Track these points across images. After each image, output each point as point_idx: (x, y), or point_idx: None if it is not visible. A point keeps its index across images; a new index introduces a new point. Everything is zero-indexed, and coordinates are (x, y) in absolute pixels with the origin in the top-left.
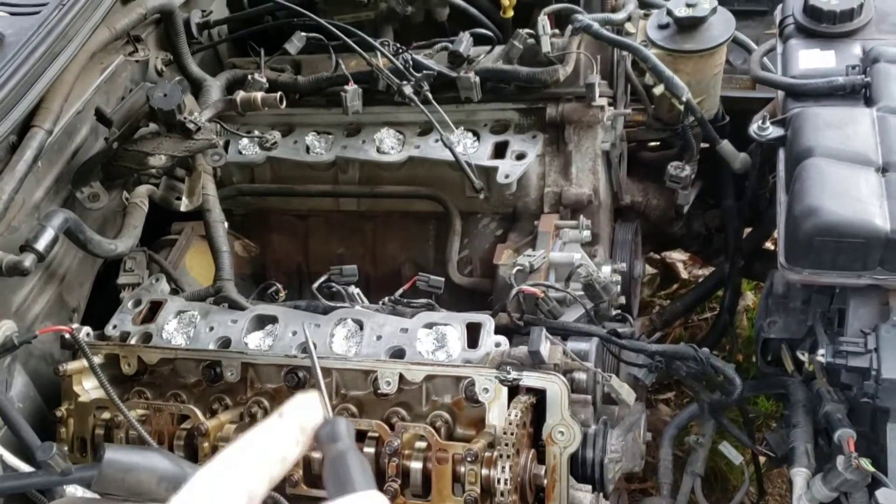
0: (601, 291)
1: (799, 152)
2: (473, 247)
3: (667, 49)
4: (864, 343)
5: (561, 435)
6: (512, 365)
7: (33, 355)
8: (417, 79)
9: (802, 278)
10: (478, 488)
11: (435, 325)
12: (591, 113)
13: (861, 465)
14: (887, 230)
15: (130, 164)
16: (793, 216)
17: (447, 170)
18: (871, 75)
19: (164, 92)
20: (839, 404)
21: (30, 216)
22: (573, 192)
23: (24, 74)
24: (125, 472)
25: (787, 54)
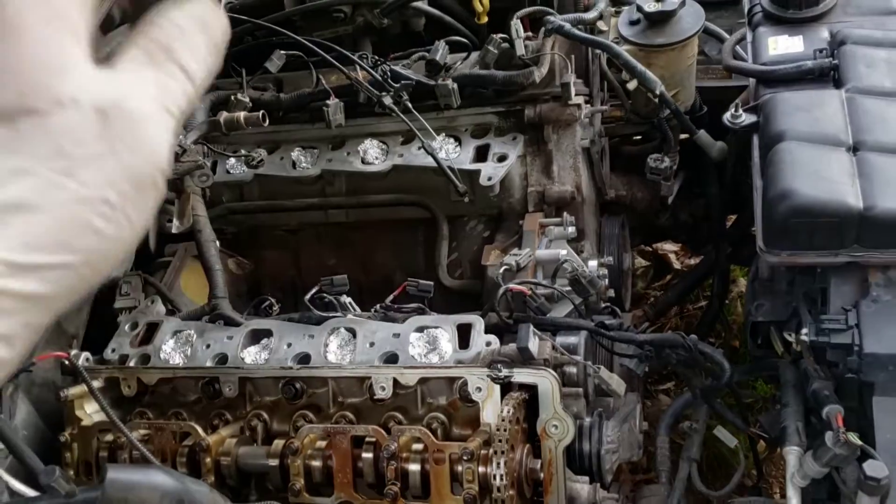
0: (587, 286)
1: (771, 137)
2: (462, 250)
3: (638, 45)
4: (846, 320)
5: (555, 428)
6: (503, 363)
7: (35, 383)
8: (396, 89)
9: (781, 260)
10: (476, 486)
11: (426, 329)
12: (569, 111)
13: (849, 439)
14: (860, 208)
15: None
16: (768, 200)
17: (431, 176)
18: (839, 58)
19: None
20: (826, 381)
21: None
22: (556, 189)
23: None
24: (128, 491)
25: (756, 42)
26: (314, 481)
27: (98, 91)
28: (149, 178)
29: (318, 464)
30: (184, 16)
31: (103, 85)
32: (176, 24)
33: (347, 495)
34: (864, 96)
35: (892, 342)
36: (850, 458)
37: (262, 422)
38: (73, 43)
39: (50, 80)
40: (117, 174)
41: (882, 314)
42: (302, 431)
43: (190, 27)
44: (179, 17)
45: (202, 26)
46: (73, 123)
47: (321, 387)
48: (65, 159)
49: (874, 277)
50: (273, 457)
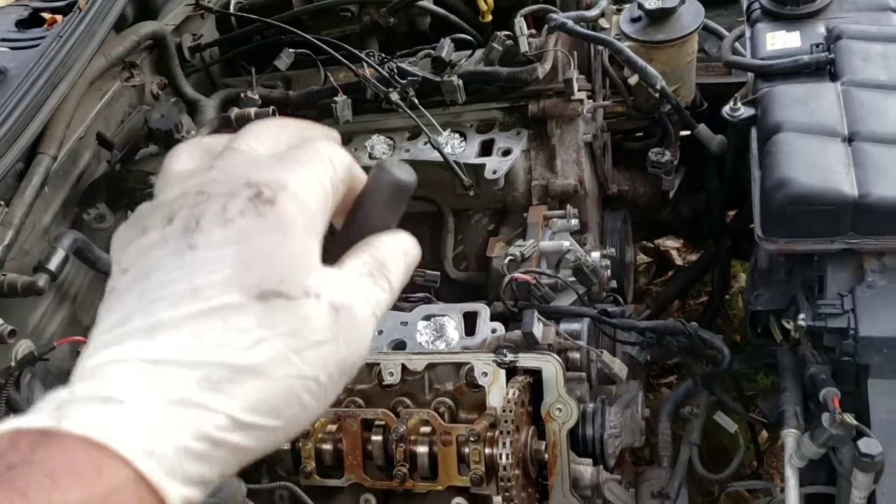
0: (590, 275)
1: (768, 128)
2: (467, 243)
3: (640, 41)
4: (842, 304)
5: (559, 411)
6: (508, 348)
7: (51, 373)
8: (403, 85)
9: (779, 248)
10: (482, 467)
11: (433, 317)
12: (571, 107)
13: (845, 419)
14: (855, 195)
15: (134, 184)
16: (766, 189)
17: (437, 171)
18: (835, 52)
19: (162, 113)
20: (823, 366)
21: (40, 239)
22: (559, 183)
23: (27, 104)
24: None
25: (754, 38)
26: (325, 464)
27: (335, 291)
28: (353, 367)
29: (329, 447)
30: (395, 242)
31: (339, 287)
32: (390, 247)
33: (358, 477)
34: (860, 89)
35: (886, 325)
36: (845, 439)
37: None
38: (317, 247)
39: (303, 274)
40: (331, 360)
41: (877, 299)
42: None
43: (398, 252)
44: (392, 243)
45: (405, 253)
46: (312, 312)
47: None
48: (299, 340)
49: (869, 264)
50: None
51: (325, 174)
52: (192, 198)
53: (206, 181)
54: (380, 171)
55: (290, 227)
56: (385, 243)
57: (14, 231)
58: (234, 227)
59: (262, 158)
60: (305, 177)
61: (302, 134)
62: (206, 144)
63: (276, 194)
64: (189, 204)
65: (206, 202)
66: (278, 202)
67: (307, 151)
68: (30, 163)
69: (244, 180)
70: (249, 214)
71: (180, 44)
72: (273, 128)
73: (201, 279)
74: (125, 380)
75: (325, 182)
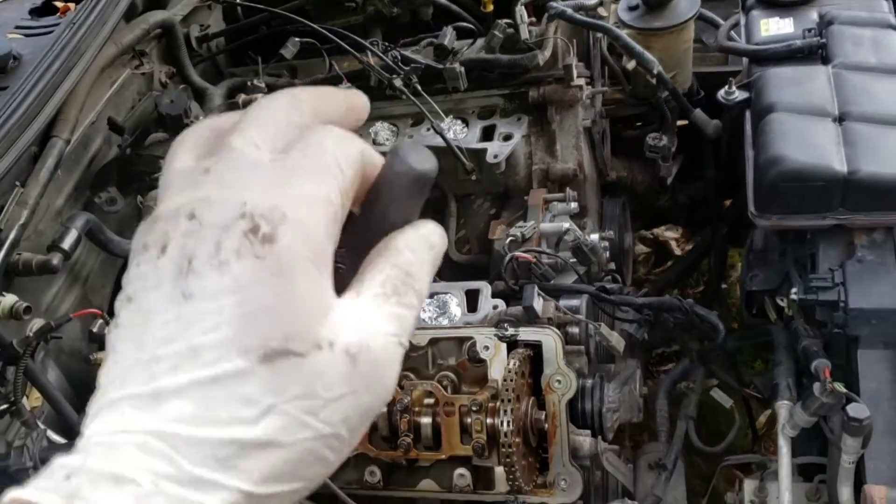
0: (589, 254)
1: (762, 109)
2: (469, 227)
3: (637, 28)
4: (832, 278)
5: (558, 383)
6: (509, 322)
7: (63, 352)
8: (406, 72)
9: (772, 224)
10: (484, 436)
11: (436, 294)
12: (571, 93)
13: (835, 388)
14: (845, 172)
15: (144, 168)
16: (759, 166)
17: (440, 156)
18: (826, 36)
19: (171, 98)
20: (815, 339)
21: (53, 221)
22: (559, 167)
23: (41, 89)
24: None
25: (749, 24)
26: None
27: (349, 334)
28: (377, 410)
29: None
30: (418, 240)
31: (353, 327)
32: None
33: (362, 447)
34: (850, 71)
35: (875, 298)
36: (836, 407)
37: None
38: (328, 281)
39: (312, 323)
40: (353, 412)
41: (866, 272)
42: None
43: (423, 251)
44: (415, 241)
45: (431, 246)
46: (326, 366)
47: None
48: (312, 400)
49: (859, 239)
50: None
51: (332, 185)
52: (184, 223)
53: (199, 200)
54: (394, 158)
55: (294, 269)
56: (408, 245)
57: (29, 211)
58: (230, 273)
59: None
60: (309, 196)
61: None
62: (218, 128)
63: (275, 229)
64: (181, 231)
65: (199, 236)
66: (278, 239)
67: (313, 155)
68: (44, 146)
69: (239, 208)
70: (246, 256)
71: (188, 34)
72: (282, 109)
73: (199, 338)
74: (133, 455)
75: (334, 195)
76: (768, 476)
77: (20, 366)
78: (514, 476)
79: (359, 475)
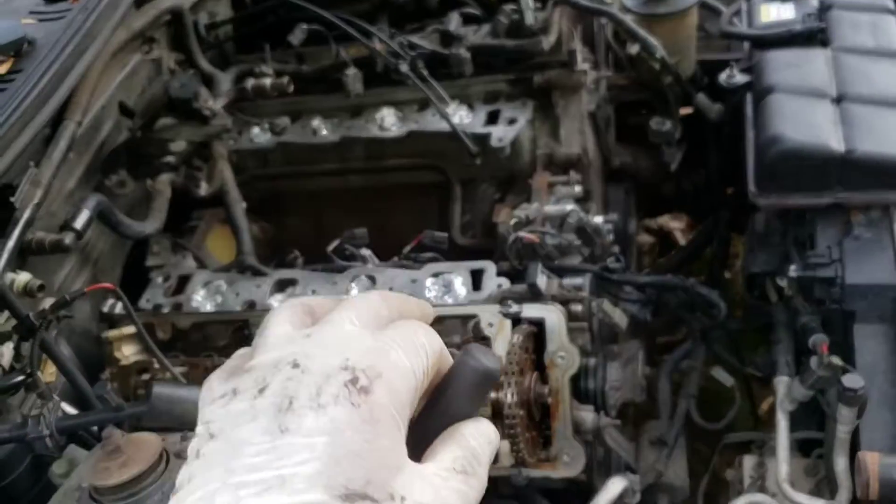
0: (593, 234)
1: (762, 90)
2: (474, 211)
3: (641, 14)
4: (830, 255)
5: (561, 359)
6: (513, 299)
7: (75, 331)
8: (413, 57)
9: (771, 202)
10: (489, 409)
11: (441, 274)
12: (575, 77)
13: (832, 361)
14: (842, 151)
15: (153, 151)
16: (759, 145)
17: (445, 141)
18: (826, 21)
19: (181, 83)
20: (813, 316)
21: (65, 203)
22: (563, 151)
23: (54, 72)
24: (172, 405)
25: (751, 10)
26: None
27: (421, 493)
28: None
29: None
30: (480, 433)
31: (424, 490)
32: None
33: None
34: (849, 54)
35: (871, 274)
36: (832, 380)
37: None
38: (403, 440)
39: (390, 475)
40: None
41: (863, 249)
42: None
43: (485, 442)
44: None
45: (489, 441)
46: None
47: None
48: None
49: (856, 218)
50: None
51: (418, 363)
52: (286, 370)
53: (303, 353)
54: (467, 357)
55: (382, 421)
56: (473, 435)
57: (43, 191)
58: (327, 415)
59: (361, 338)
60: (400, 365)
61: (402, 309)
62: (310, 307)
63: (371, 382)
64: (283, 377)
65: (301, 381)
66: (373, 391)
67: (405, 337)
68: (56, 128)
69: (341, 362)
70: (343, 403)
71: (196, 21)
72: (375, 301)
73: (289, 469)
74: None
75: (418, 371)
76: (767, 452)
77: (36, 338)
78: (518, 448)
79: None
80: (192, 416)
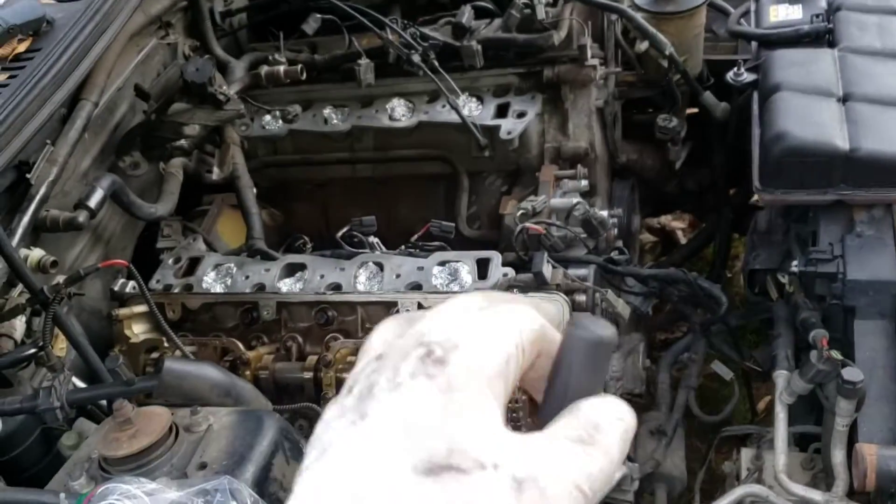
0: (598, 226)
1: (768, 88)
2: (481, 203)
3: (650, 12)
4: (832, 251)
5: None
6: (518, 288)
7: (84, 309)
8: (425, 48)
9: (775, 198)
10: None
11: (448, 263)
12: (585, 72)
13: (832, 355)
14: (846, 149)
15: (167, 134)
16: (764, 142)
17: (454, 133)
18: (834, 22)
19: (197, 67)
20: (814, 311)
21: (79, 182)
22: (571, 145)
23: (73, 52)
24: (182, 380)
25: (759, 11)
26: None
27: (518, 461)
28: None
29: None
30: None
31: (524, 457)
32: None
33: None
34: (855, 55)
35: (873, 270)
36: (832, 374)
37: (297, 343)
38: (497, 412)
39: (476, 443)
40: None
41: (865, 247)
42: (334, 346)
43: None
44: (602, 406)
45: (619, 417)
46: (490, 487)
47: (351, 314)
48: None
49: (859, 215)
50: (307, 370)
51: (506, 335)
52: (372, 363)
53: (388, 346)
54: (574, 328)
55: (462, 390)
56: (594, 407)
57: (58, 169)
58: (402, 392)
59: (444, 314)
60: (482, 336)
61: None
62: (410, 316)
63: (447, 353)
64: (368, 370)
65: (381, 368)
66: (450, 362)
67: (490, 312)
68: (73, 108)
69: (418, 338)
70: (419, 376)
71: (212, 8)
72: (475, 296)
73: (370, 455)
74: None
75: (507, 344)
76: (765, 444)
77: (49, 312)
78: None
79: None
80: (201, 393)
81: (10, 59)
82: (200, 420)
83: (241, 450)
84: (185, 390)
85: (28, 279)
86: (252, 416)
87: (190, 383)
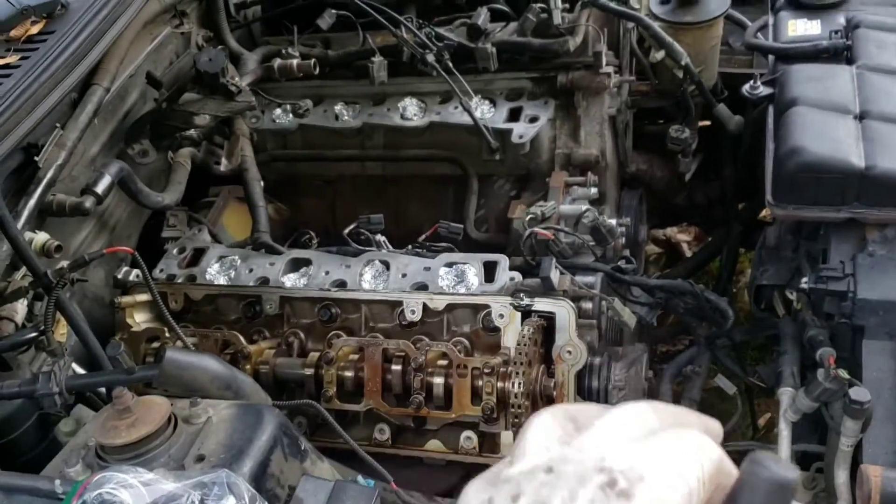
0: (606, 234)
1: (784, 103)
2: (489, 206)
3: (668, 21)
4: (843, 269)
5: (569, 354)
6: (525, 293)
7: (87, 297)
8: (439, 48)
9: (788, 214)
10: (494, 398)
11: (455, 264)
12: (599, 80)
13: (839, 374)
14: (862, 167)
15: (177, 123)
16: (779, 156)
17: (465, 135)
18: (852, 39)
19: (210, 57)
20: (822, 329)
21: (87, 168)
22: (582, 152)
23: (86, 37)
24: (182, 371)
25: (777, 25)
26: (345, 389)
27: None
28: None
29: (350, 374)
30: None
31: None
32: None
33: (375, 403)
34: (873, 73)
35: (884, 290)
36: (838, 393)
37: (299, 339)
38: None
39: None
40: None
41: (877, 266)
42: (336, 344)
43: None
44: None
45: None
46: None
47: (354, 312)
48: None
49: (871, 234)
50: (308, 366)
51: (690, 469)
52: (540, 475)
53: (559, 458)
54: (755, 465)
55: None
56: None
57: (67, 153)
58: None
59: (623, 441)
60: (667, 469)
61: (676, 420)
62: (572, 414)
63: (632, 486)
64: (537, 483)
65: (555, 486)
66: (634, 497)
67: (674, 440)
68: (84, 93)
69: (598, 464)
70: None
71: (227, 0)
72: (645, 408)
73: None
74: None
75: (690, 478)
76: None
77: (52, 296)
78: None
79: (368, 433)
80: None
81: (22, 41)
82: (200, 412)
83: (240, 444)
84: (186, 381)
85: (32, 262)
86: (252, 411)
87: (190, 374)
